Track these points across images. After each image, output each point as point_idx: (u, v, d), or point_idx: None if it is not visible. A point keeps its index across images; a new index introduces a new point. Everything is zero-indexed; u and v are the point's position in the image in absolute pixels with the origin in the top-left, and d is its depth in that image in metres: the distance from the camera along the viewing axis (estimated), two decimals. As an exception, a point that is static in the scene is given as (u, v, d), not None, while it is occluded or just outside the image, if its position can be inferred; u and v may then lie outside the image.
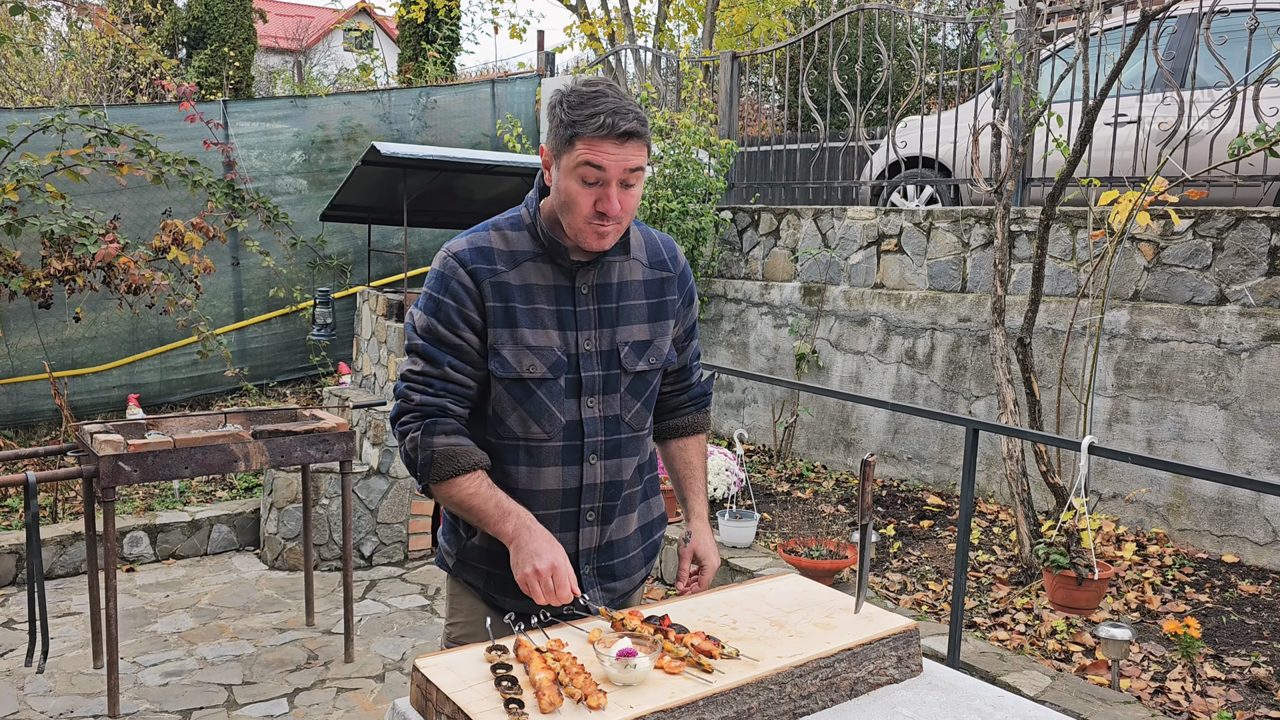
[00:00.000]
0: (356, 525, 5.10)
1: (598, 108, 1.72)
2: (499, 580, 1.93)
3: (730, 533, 4.65)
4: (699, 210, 6.65)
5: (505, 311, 1.83)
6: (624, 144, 1.73)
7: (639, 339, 1.93)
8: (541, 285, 1.86)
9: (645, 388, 1.96)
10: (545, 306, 1.85)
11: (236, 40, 13.68)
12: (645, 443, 2.02)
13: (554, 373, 1.85)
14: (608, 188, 1.75)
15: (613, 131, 1.71)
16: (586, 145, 1.72)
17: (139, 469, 3.51)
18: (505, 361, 1.83)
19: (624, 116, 1.72)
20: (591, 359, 1.88)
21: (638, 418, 1.96)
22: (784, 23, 10.97)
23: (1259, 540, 4.36)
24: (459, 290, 1.83)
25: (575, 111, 1.73)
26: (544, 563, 1.76)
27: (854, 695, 1.66)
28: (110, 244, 5.65)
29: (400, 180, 6.12)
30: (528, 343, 1.83)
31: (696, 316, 2.11)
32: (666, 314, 1.98)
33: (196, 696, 3.75)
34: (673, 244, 2.05)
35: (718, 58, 7.83)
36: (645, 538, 2.08)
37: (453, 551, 2.01)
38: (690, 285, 2.06)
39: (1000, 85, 4.83)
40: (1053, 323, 5.07)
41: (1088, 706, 3.13)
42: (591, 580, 1.96)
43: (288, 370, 7.77)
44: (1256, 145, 3.78)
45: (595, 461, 1.91)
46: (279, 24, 20.42)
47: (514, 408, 1.86)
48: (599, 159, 1.72)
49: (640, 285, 1.95)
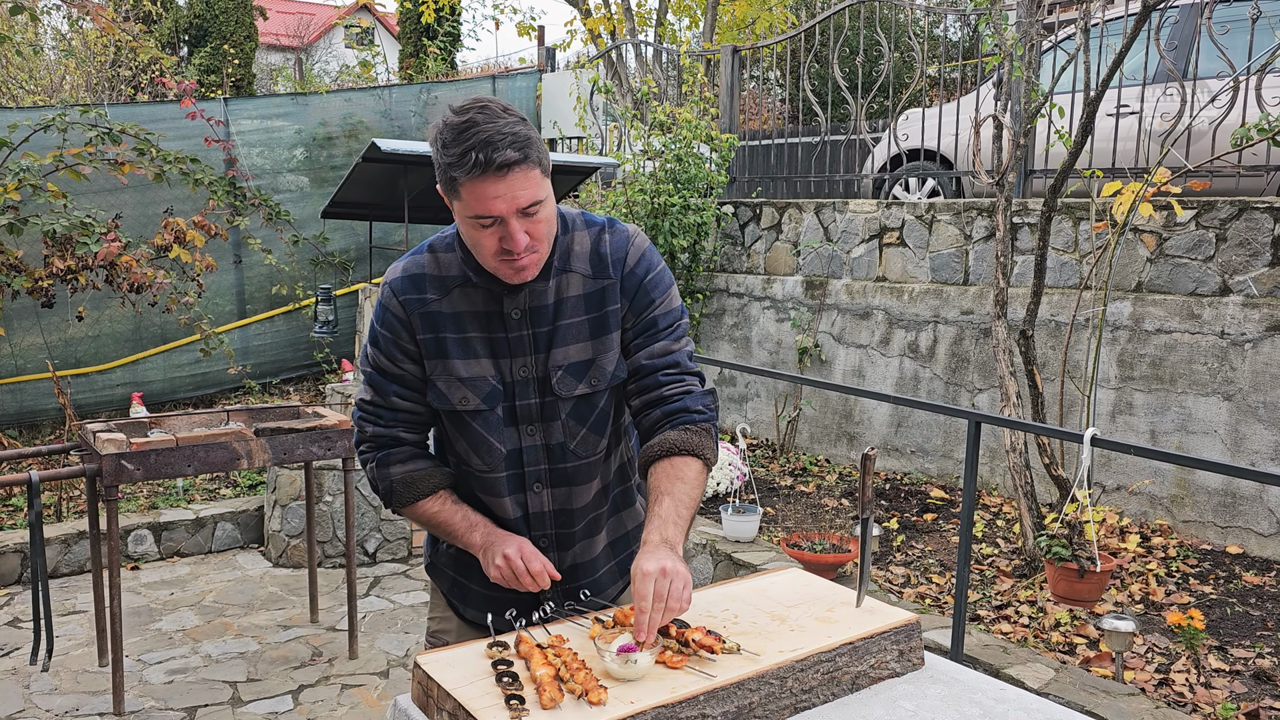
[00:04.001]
0: (360, 522, 5.11)
1: (468, 143, 1.56)
2: (461, 588, 1.97)
3: (733, 527, 4.65)
4: (700, 204, 6.64)
5: (436, 343, 1.77)
6: (505, 175, 1.57)
7: (577, 359, 1.78)
8: (471, 312, 1.76)
9: (591, 411, 1.81)
10: (476, 334, 1.77)
11: (237, 38, 13.68)
12: (605, 463, 1.89)
13: (489, 403, 1.77)
14: (507, 225, 1.61)
15: (488, 167, 1.56)
16: (469, 190, 1.59)
17: (142, 467, 3.52)
18: (440, 394, 1.79)
19: (497, 147, 1.56)
20: (527, 386, 1.78)
21: (585, 444, 1.82)
22: (785, 16, 10.94)
23: (1263, 531, 4.35)
24: (393, 322, 1.78)
25: (448, 152, 1.59)
26: (511, 547, 1.76)
27: (856, 689, 1.66)
28: (112, 243, 5.65)
29: (401, 176, 6.12)
30: (459, 374, 1.77)
31: (662, 318, 1.82)
32: (608, 327, 1.79)
33: (201, 694, 3.76)
34: (625, 242, 1.81)
35: (719, 51, 7.81)
36: (617, 552, 1.99)
37: (429, 552, 2.04)
38: (644, 284, 1.80)
39: (1002, 77, 4.81)
40: (1055, 315, 5.06)
41: (1091, 699, 3.13)
42: (557, 602, 1.87)
43: (290, 368, 7.78)
44: (1259, 135, 3.76)
45: (540, 490, 1.84)
46: (279, 21, 20.41)
47: (456, 439, 1.83)
48: (485, 207, 1.59)
49: (580, 300, 1.78)
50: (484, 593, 1.91)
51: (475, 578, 1.91)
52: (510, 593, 1.83)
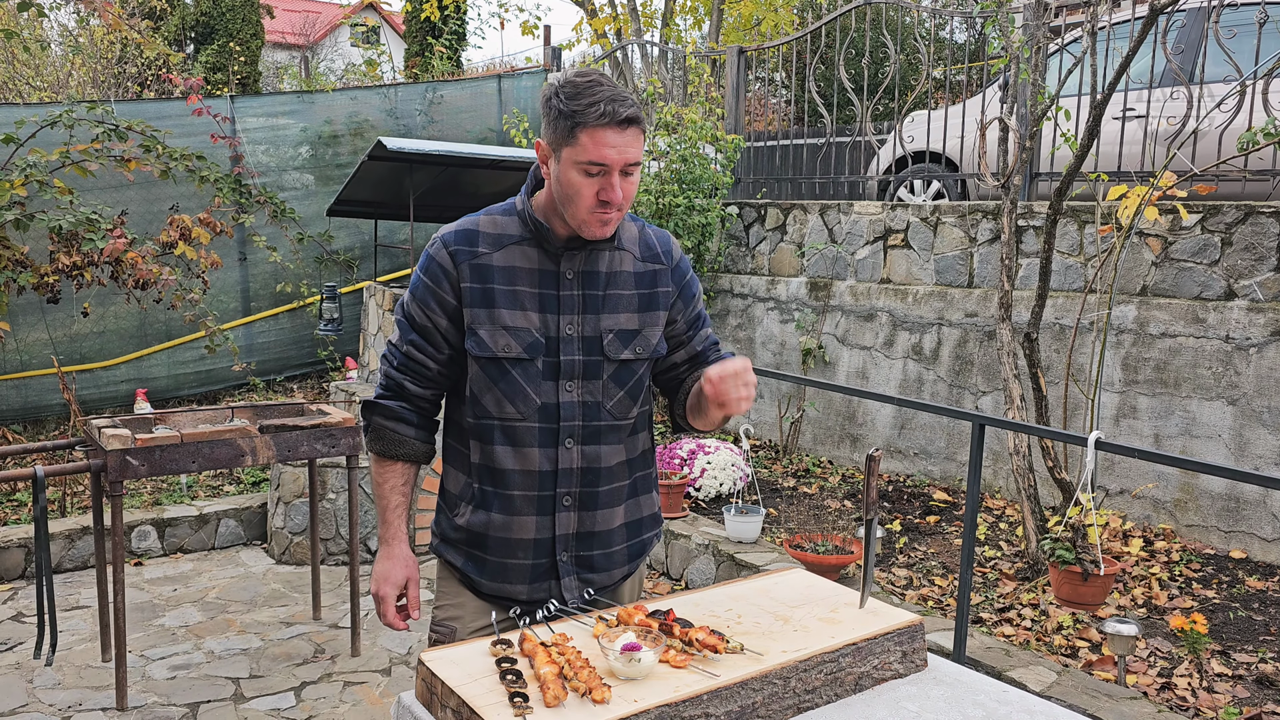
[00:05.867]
0: (363, 519, 5.12)
1: (595, 96, 1.73)
2: (477, 561, 1.97)
3: (736, 528, 4.65)
4: (705, 205, 6.64)
5: (483, 292, 1.86)
6: (624, 131, 1.74)
7: (626, 327, 1.92)
8: (525, 268, 1.87)
9: (630, 377, 1.94)
10: (526, 289, 1.87)
11: (244, 35, 13.69)
12: (632, 437, 1.99)
13: (530, 354, 1.86)
14: (610, 176, 1.76)
15: (614, 119, 1.73)
16: (589, 135, 1.73)
17: (146, 463, 3.53)
18: (481, 341, 1.86)
19: (623, 104, 1.74)
20: (572, 343, 1.88)
21: (620, 406, 1.94)
22: (791, 17, 10.94)
23: (1267, 536, 4.34)
24: (437, 271, 1.88)
25: (573, 102, 1.73)
26: (374, 587, 1.97)
27: (859, 690, 1.66)
28: (118, 239, 5.66)
29: (406, 175, 6.13)
30: (504, 323, 1.85)
31: (703, 311, 2.09)
32: (658, 305, 1.97)
33: (204, 690, 3.76)
34: (668, 238, 2.04)
35: (724, 52, 7.81)
36: (631, 535, 2.05)
37: (438, 531, 2.05)
38: (689, 279, 2.04)
39: (1007, 79, 4.81)
40: (1060, 318, 5.05)
41: (1094, 702, 3.12)
42: (568, 568, 1.95)
43: (295, 365, 7.79)
44: (1265, 139, 3.76)
45: (572, 446, 1.91)
46: (286, 19, 20.44)
47: (489, 387, 1.88)
48: (602, 152, 1.74)
49: (630, 275, 1.94)
50: (500, 561, 1.94)
51: (491, 547, 1.94)
52: (525, 562, 1.93)
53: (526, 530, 1.92)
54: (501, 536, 1.92)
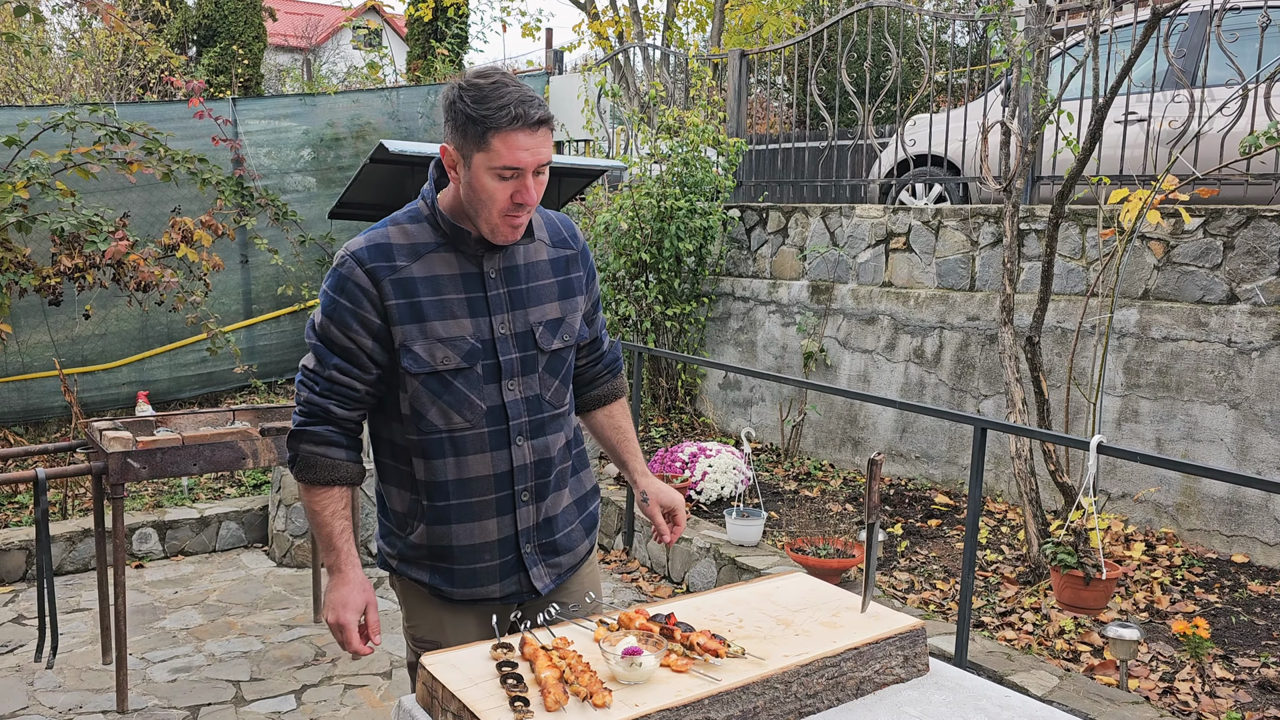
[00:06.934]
0: (363, 523, 5.11)
1: (504, 99, 1.70)
2: (444, 573, 1.95)
3: (737, 531, 4.65)
4: (707, 208, 6.64)
5: (410, 307, 1.81)
6: (536, 132, 1.72)
7: (552, 317, 1.94)
8: (448, 275, 1.85)
9: (561, 365, 1.98)
10: (454, 296, 1.84)
11: (246, 38, 13.70)
12: (568, 420, 2.04)
13: (469, 361, 1.84)
14: (524, 179, 1.75)
15: (526, 121, 1.70)
16: (501, 140, 1.70)
17: (148, 466, 3.53)
18: (418, 357, 1.82)
19: (532, 104, 1.71)
20: (507, 342, 1.88)
21: (557, 395, 1.98)
22: (793, 20, 10.95)
23: (1269, 540, 4.34)
24: (355, 291, 1.81)
25: (481, 106, 1.70)
26: (333, 616, 1.86)
27: (860, 694, 1.66)
28: (120, 241, 5.67)
29: (408, 178, 6.12)
30: (438, 335, 1.83)
31: (599, 290, 2.14)
32: (574, 291, 2.00)
33: (204, 692, 3.76)
34: (570, 223, 2.06)
35: (726, 55, 7.81)
36: (581, 510, 2.09)
37: (393, 553, 2.01)
38: (591, 261, 2.07)
39: (1010, 83, 4.81)
40: (1062, 321, 5.05)
41: (1096, 706, 3.12)
42: (534, 559, 1.97)
43: (296, 368, 7.78)
44: (1268, 143, 3.75)
45: (522, 443, 1.92)
46: (288, 22, 20.46)
47: (433, 401, 1.85)
48: (516, 155, 1.71)
49: (547, 264, 1.95)
50: (469, 567, 1.93)
51: (457, 556, 1.92)
52: (492, 563, 1.93)
53: (489, 533, 1.92)
54: (465, 544, 1.91)
